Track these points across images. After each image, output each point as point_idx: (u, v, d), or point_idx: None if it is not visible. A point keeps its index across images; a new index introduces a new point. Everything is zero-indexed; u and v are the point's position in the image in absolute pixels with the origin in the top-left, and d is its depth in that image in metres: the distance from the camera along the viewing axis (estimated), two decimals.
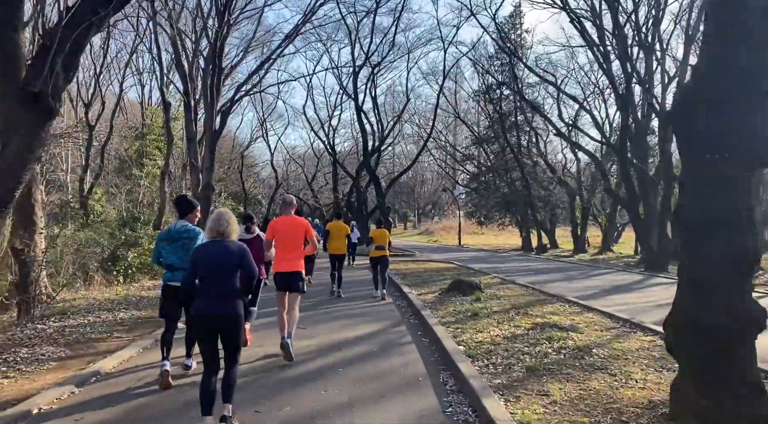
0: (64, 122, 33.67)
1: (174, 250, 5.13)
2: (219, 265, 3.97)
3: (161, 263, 5.26)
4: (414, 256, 23.53)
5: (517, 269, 17.97)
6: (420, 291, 11.13)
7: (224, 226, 4.08)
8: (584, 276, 15.85)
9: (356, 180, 29.87)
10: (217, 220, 4.11)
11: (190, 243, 5.01)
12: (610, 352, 5.85)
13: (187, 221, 5.28)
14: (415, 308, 8.91)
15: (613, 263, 22.43)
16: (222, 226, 4.07)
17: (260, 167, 46.15)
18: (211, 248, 4.04)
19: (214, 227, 4.07)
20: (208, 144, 22.08)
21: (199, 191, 22.17)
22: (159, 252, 5.26)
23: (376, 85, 28.93)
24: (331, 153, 34.43)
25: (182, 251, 5.06)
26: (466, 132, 48.57)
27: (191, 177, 22.61)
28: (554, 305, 9.26)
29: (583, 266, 19.79)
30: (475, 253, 27.32)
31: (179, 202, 5.48)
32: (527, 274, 15.94)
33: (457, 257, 23.47)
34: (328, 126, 35.00)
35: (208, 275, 3.98)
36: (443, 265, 17.67)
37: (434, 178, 62.71)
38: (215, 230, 4.06)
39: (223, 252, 4.00)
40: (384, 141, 28.98)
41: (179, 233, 5.16)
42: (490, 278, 13.52)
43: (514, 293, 10.81)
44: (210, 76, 21.22)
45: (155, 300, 11.00)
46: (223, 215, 4.15)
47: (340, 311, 9.21)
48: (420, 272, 15.10)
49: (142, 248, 16.47)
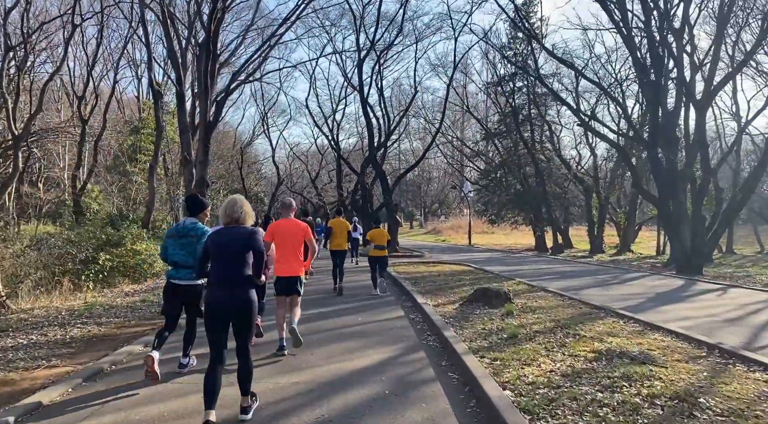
0: (61, 117, 32.20)
1: (179, 247, 5.05)
2: (230, 251, 3.88)
3: (167, 259, 5.16)
4: (423, 256, 21.75)
5: (539, 272, 16.15)
6: (437, 301, 9.35)
7: (238, 212, 3.98)
8: (617, 280, 14.02)
9: (361, 176, 28.10)
10: (231, 206, 3.99)
11: (195, 241, 4.97)
12: (724, 403, 4.05)
13: (196, 220, 5.18)
14: (434, 325, 7.13)
15: (638, 264, 20.56)
16: (236, 212, 3.98)
17: (262, 164, 44.43)
18: (223, 235, 3.95)
19: (228, 213, 3.97)
20: (202, 136, 20.35)
21: (192, 187, 20.48)
22: (165, 248, 5.16)
23: (383, 76, 27.18)
24: (334, 148, 32.65)
25: (187, 248, 5.02)
26: (474, 128, 46.78)
27: (184, 172, 20.90)
28: (605, 320, 7.45)
29: (610, 268, 17.93)
30: (487, 253, 25.49)
31: (191, 201, 5.37)
32: (553, 278, 14.13)
33: (470, 258, 21.65)
34: (332, 120, 33.27)
35: (220, 261, 3.88)
36: (457, 267, 15.86)
37: (441, 176, 60.90)
38: (229, 216, 3.97)
39: (235, 237, 3.91)
40: (390, 135, 27.18)
41: (186, 230, 5.08)
42: (515, 283, 11.71)
43: (549, 303, 9.00)
44: (204, 63, 19.51)
45: (127, 310, 9.29)
46: (237, 201, 4.04)
47: (341, 326, 7.44)
48: (433, 276, 13.30)
49: (124, 248, 14.78)
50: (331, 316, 8.28)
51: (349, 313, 8.60)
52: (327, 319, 7.92)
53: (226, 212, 4.00)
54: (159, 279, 14.50)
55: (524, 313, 8.01)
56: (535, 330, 6.72)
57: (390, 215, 22.97)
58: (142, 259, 14.63)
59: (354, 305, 9.37)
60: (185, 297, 5.12)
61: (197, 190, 20.30)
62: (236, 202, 4.06)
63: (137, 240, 15.38)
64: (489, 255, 24.07)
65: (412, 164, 26.91)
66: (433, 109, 35.01)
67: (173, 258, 5.06)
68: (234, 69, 23.68)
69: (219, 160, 39.76)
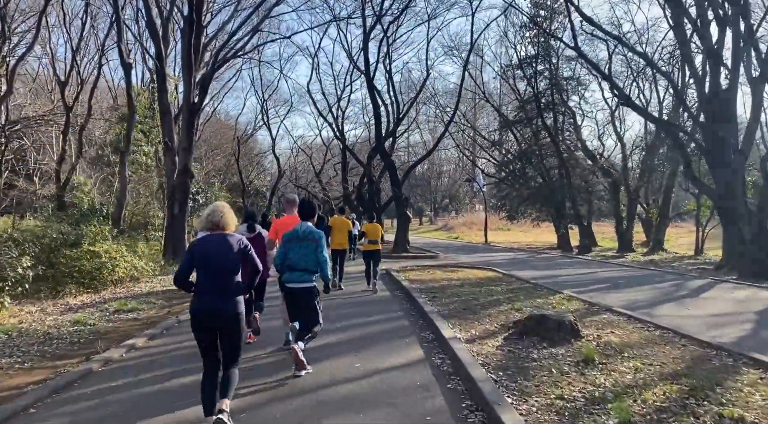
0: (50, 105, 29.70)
1: (298, 250, 5.03)
2: (218, 259, 3.68)
3: (284, 263, 5.08)
4: (437, 258, 18.91)
5: (581, 279, 13.28)
6: (469, 331, 6.52)
7: (218, 217, 3.78)
8: (685, 291, 11.12)
9: (368, 168, 25.31)
10: (211, 211, 3.84)
11: (315, 245, 5.01)
12: None
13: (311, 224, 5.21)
14: (476, 386, 4.32)
15: (682, 266, 17.57)
16: (216, 217, 3.78)
17: (264, 156, 41.70)
18: (210, 242, 3.75)
19: (208, 219, 3.80)
20: (185, 120, 17.67)
21: (174, 177, 17.83)
22: (285, 253, 5.09)
23: (391, 58, 24.30)
24: (339, 138, 29.82)
25: (306, 251, 5.01)
26: (488, 117, 43.70)
27: (166, 160, 18.24)
28: (745, 375, 4.62)
29: (659, 273, 14.99)
30: (508, 254, 22.58)
31: (307, 205, 5.35)
32: (604, 288, 11.27)
33: (491, 259, 18.80)
34: (336, 109, 30.42)
35: (207, 269, 3.69)
36: (481, 273, 13.02)
37: (452, 171, 57.90)
38: (210, 221, 3.79)
39: (223, 245, 3.72)
40: (400, 122, 24.31)
41: (305, 234, 5.08)
42: (565, 299, 8.86)
43: (633, 337, 6.15)
44: (187, 37, 16.80)
45: (38, 340, 6.59)
46: (217, 206, 3.89)
47: (327, 385, 4.65)
48: (455, 287, 10.47)
49: (80, 250, 12.12)
50: (317, 357, 5.48)
51: (343, 352, 5.81)
52: (309, 363, 5.13)
53: (207, 218, 3.81)
54: (120, 288, 11.83)
55: (608, 357, 5.18)
56: (654, 406, 3.88)
57: (399, 210, 20.18)
58: (101, 262, 11.96)
59: (351, 335, 6.59)
60: (303, 301, 5.06)
61: (180, 181, 17.66)
62: (216, 207, 3.88)
63: (99, 240, 12.72)
64: (511, 256, 21.18)
65: (425, 154, 24.04)
66: (446, 96, 32.08)
67: (290, 261, 5.04)
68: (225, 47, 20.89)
69: (220, 155, 37.16)
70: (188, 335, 5.64)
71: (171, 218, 17.60)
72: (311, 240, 5.00)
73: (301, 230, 5.10)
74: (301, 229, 5.10)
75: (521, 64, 27.33)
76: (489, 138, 33.11)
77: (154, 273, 13.77)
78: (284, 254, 5.08)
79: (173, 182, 17.62)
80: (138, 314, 8.96)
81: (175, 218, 17.35)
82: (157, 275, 13.92)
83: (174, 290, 11.18)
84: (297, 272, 4.99)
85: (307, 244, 5.00)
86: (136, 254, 14.03)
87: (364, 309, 7.67)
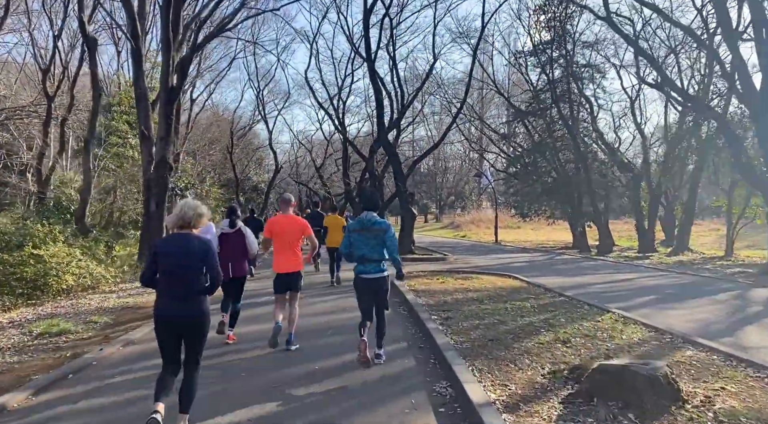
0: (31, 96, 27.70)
1: (366, 241, 5.01)
2: (182, 261, 3.52)
3: (352, 254, 5.10)
4: (446, 259, 16.73)
5: (617, 288, 11.10)
6: (505, 384, 4.34)
7: (189, 214, 3.62)
8: (755, 304, 8.89)
9: (370, 162, 23.14)
10: (182, 207, 3.65)
11: (383, 234, 4.99)
12: None
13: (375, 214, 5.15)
14: None
15: (722, 270, 15.28)
16: (187, 214, 3.62)
17: (262, 151, 39.47)
18: (173, 242, 3.60)
19: (179, 215, 3.63)
20: (163, 105, 15.56)
21: (151, 170, 15.75)
22: (351, 243, 5.09)
23: (395, 41, 22.08)
24: (340, 130, 27.62)
25: (372, 241, 5.00)
26: (497, 109, 41.40)
27: (142, 150, 16.14)
28: None
29: (700, 278, 12.73)
30: (523, 255, 20.36)
31: (376, 196, 5.38)
32: (652, 301, 9.06)
33: (506, 261, 16.63)
34: (337, 99, 28.23)
35: (170, 271, 3.54)
36: (502, 281, 10.81)
37: (458, 166, 55.61)
38: (180, 218, 3.62)
39: (187, 247, 3.55)
40: (405, 112, 22.11)
41: (371, 223, 5.03)
42: (619, 322, 6.68)
43: (758, 401, 3.97)
44: (165, 10, 14.70)
45: None
46: (188, 203, 3.70)
47: None
48: (472, 302, 8.29)
49: (22, 253, 10.07)
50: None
51: None
52: None
53: (178, 216, 3.64)
54: (67, 300, 9.74)
55: None
56: None
57: (404, 207, 18.01)
58: (46, 269, 9.89)
59: (326, 387, 4.45)
60: (378, 290, 5.08)
61: (157, 174, 15.57)
62: (187, 203, 3.69)
63: (47, 241, 10.67)
64: (527, 257, 18.96)
65: (431, 146, 21.81)
66: (454, 87, 29.77)
67: (360, 252, 5.02)
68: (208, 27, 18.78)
69: (215, 148, 35.07)
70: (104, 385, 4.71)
71: (147, 217, 15.54)
72: (378, 229, 5.00)
73: (367, 219, 5.06)
74: (367, 218, 5.06)
75: (535, 49, 25.03)
76: (499, 131, 30.83)
77: (116, 280, 11.69)
78: (350, 245, 5.09)
79: (149, 176, 15.55)
80: (66, 338, 6.88)
81: (151, 216, 15.28)
82: (122, 282, 11.85)
83: (131, 307, 9.11)
84: (371, 263, 5.01)
85: (376, 233, 4.99)
86: (95, 258, 11.94)
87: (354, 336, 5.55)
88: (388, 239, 4.99)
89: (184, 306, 3.50)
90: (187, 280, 3.52)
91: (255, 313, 7.91)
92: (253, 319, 7.44)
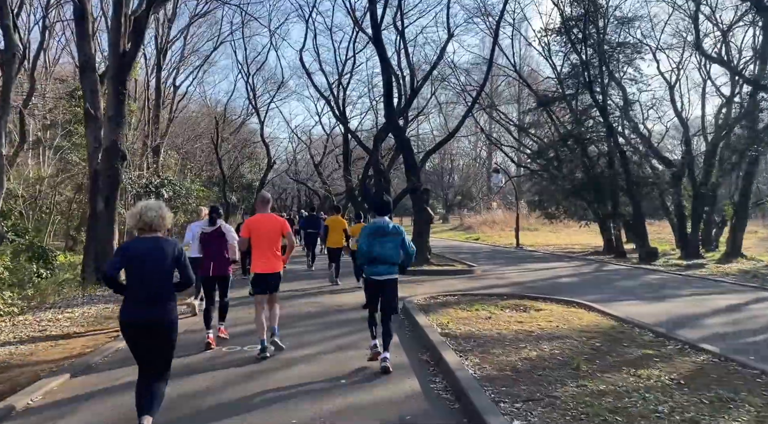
0: None
1: (381, 244, 5.11)
2: (151, 265, 3.40)
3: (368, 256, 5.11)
4: (474, 272, 13.14)
5: (740, 323, 7.52)
6: None
7: (151, 215, 3.43)
8: None
9: (374, 154, 19.59)
10: (144, 209, 3.44)
11: (397, 238, 5.14)
12: None
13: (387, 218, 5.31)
14: None
15: None
16: (149, 216, 3.43)
17: (256, 145, 35.88)
18: (141, 245, 3.45)
19: (141, 217, 3.43)
20: (113, 76, 12.04)
21: (99, 158, 12.23)
22: (372, 244, 5.11)
23: (403, 12, 18.57)
24: (340, 120, 24.03)
25: (392, 245, 5.12)
26: (503, 107, 37.60)
27: (87, 134, 12.61)
28: None
29: None
30: (559, 264, 16.73)
31: (387, 204, 5.48)
32: None
33: (546, 274, 13.09)
34: (337, 85, 24.67)
35: (140, 275, 3.40)
36: (577, 317, 7.13)
37: (467, 164, 52.05)
38: (142, 220, 3.43)
39: (156, 250, 3.43)
40: (415, 95, 18.53)
41: (387, 229, 5.16)
42: None
43: None
44: None
45: None
46: (150, 204, 3.50)
47: None
48: (560, 367, 4.75)
49: None
50: None
51: None
52: None
53: (139, 217, 3.43)
54: None
55: None
56: None
57: (417, 206, 14.48)
58: None
59: None
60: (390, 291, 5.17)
61: (106, 165, 12.05)
62: (150, 205, 3.49)
63: None
64: (568, 267, 15.38)
65: (449, 134, 18.17)
66: (468, 73, 26.10)
67: (374, 254, 5.09)
68: None
69: (202, 140, 31.48)
70: None
71: (93, 218, 12.04)
72: (396, 234, 5.16)
73: (385, 225, 5.21)
74: (384, 223, 5.21)
75: (565, 24, 21.41)
76: (518, 122, 27.23)
77: (21, 310, 8.14)
78: (370, 248, 5.13)
79: (96, 166, 12.04)
80: None
81: (98, 216, 11.80)
82: (28, 311, 8.31)
83: (22, 355, 5.61)
84: (385, 265, 5.11)
85: (392, 238, 5.13)
86: None
87: None
88: (406, 242, 5.18)
89: (152, 311, 3.36)
90: (157, 284, 3.39)
91: None
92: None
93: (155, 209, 3.43)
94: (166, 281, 3.42)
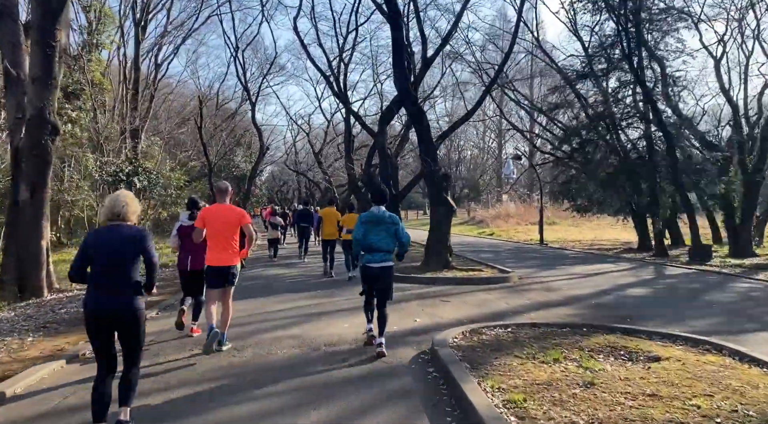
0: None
1: (377, 232, 5.10)
2: (114, 253, 3.25)
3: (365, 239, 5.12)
4: (510, 279, 10.08)
5: None
6: None
7: (119, 206, 3.34)
8: None
9: (381, 138, 16.57)
10: (114, 200, 3.38)
11: (393, 227, 5.11)
12: None
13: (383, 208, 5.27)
14: None
15: None
16: (117, 206, 3.34)
17: (252, 134, 32.89)
18: (105, 235, 3.32)
19: (110, 208, 3.36)
20: (38, 27, 9.08)
21: (23, 132, 9.32)
22: (365, 233, 5.12)
23: None
24: (340, 98, 20.93)
25: (387, 233, 5.11)
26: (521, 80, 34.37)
27: (7, 101, 9.65)
28: None
29: None
30: (603, 266, 13.71)
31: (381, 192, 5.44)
32: None
33: (596, 281, 10.13)
34: (337, 61, 21.60)
35: (101, 264, 3.26)
36: (732, 375, 4.23)
37: (476, 156, 48.96)
38: (111, 211, 3.35)
39: (120, 238, 3.29)
40: (429, 65, 15.47)
41: (383, 217, 5.15)
42: None
43: None
44: None
45: None
46: (119, 196, 3.43)
47: None
48: None
49: None
50: None
51: None
52: None
53: (107, 207, 3.36)
54: None
55: None
56: None
57: (436, 197, 11.46)
58: None
59: None
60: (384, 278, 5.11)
61: (30, 142, 9.00)
62: (118, 196, 3.41)
63: None
64: (615, 270, 12.35)
65: (470, 110, 15.03)
66: (484, 42, 22.95)
67: (368, 241, 5.08)
68: None
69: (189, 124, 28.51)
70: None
71: (14, 209, 9.10)
72: (391, 223, 5.13)
73: (380, 213, 5.18)
74: (380, 212, 5.18)
75: None
76: (538, 104, 24.10)
77: None
78: (364, 236, 5.12)
79: (19, 142, 9.07)
80: None
81: (21, 207, 8.89)
82: None
83: None
84: (380, 253, 5.09)
85: (387, 226, 5.11)
86: None
87: None
88: (400, 231, 5.13)
89: (115, 299, 3.21)
90: (120, 271, 3.23)
91: None
92: None
93: (122, 201, 3.33)
94: (129, 267, 3.24)
